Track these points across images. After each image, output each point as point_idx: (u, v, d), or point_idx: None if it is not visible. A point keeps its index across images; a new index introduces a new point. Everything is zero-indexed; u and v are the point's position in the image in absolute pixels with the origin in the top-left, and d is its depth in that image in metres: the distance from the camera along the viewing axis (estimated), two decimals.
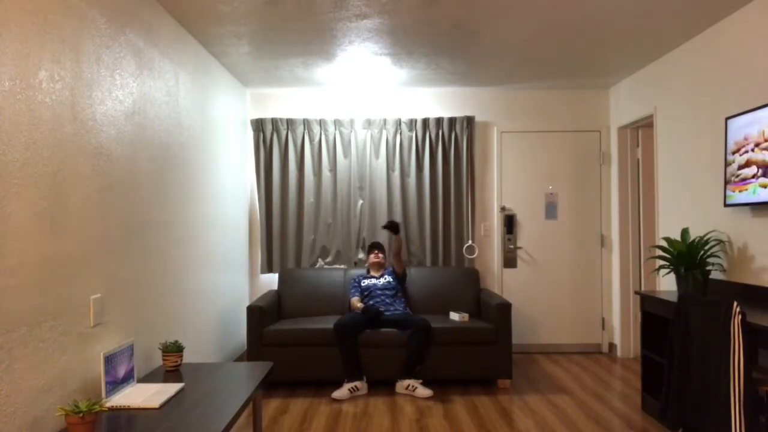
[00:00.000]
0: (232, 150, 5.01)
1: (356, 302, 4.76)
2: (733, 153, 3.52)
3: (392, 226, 4.69)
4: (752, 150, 3.34)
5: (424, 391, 4.21)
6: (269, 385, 4.54)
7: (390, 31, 3.93)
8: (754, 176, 3.33)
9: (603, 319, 5.63)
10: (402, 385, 4.31)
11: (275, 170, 5.45)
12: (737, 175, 3.48)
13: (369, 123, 5.48)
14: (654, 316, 3.86)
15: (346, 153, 5.49)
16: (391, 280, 4.92)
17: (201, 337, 4.14)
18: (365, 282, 4.91)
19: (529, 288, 5.65)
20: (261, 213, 5.45)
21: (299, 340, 4.38)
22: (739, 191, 3.45)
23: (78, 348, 2.46)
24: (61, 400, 2.33)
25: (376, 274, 4.95)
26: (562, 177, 5.66)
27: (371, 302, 4.76)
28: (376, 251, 4.99)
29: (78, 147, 2.48)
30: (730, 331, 2.68)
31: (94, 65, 2.63)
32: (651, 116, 4.85)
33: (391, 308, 4.71)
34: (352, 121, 5.47)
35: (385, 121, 5.47)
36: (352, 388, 4.24)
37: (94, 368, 2.59)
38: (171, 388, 2.67)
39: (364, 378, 4.35)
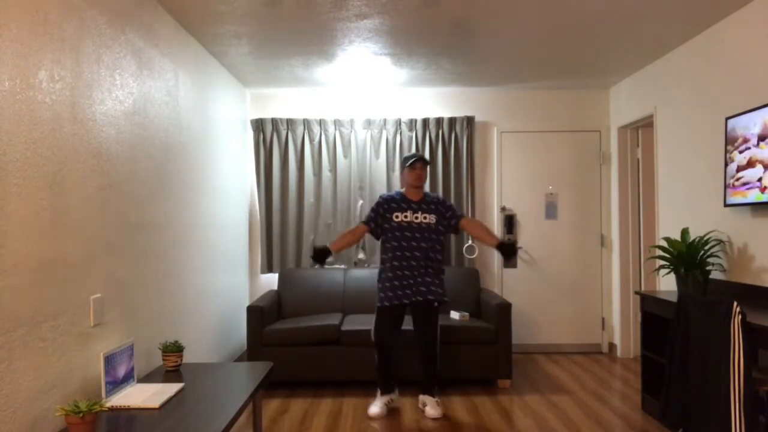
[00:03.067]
0: (232, 150, 5.01)
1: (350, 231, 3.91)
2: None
3: (510, 251, 3.73)
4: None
5: (431, 411, 3.78)
6: (269, 385, 4.54)
7: (390, 31, 3.93)
8: (759, 179, 3.28)
9: (603, 319, 5.63)
10: (419, 399, 3.96)
11: (275, 170, 5.45)
12: (738, 179, 3.46)
13: (369, 123, 5.48)
14: (654, 316, 3.86)
15: (346, 153, 5.49)
16: (434, 221, 3.83)
17: (201, 337, 4.14)
18: (397, 217, 3.82)
19: (529, 288, 5.64)
20: (261, 213, 5.44)
21: (299, 340, 4.38)
22: (742, 196, 3.42)
23: (78, 348, 2.46)
24: (61, 400, 2.33)
25: (415, 200, 3.88)
26: (562, 177, 5.66)
27: (397, 251, 3.77)
28: (421, 164, 3.83)
29: (78, 147, 2.48)
30: (730, 331, 2.68)
31: (94, 65, 2.63)
32: (651, 116, 4.85)
33: (423, 278, 3.79)
34: (352, 121, 5.48)
35: (385, 121, 5.47)
36: (388, 401, 3.91)
37: (94, 368, 2.59)
38: (171, 388, 2.67)
39: (396, 390, 4.01)
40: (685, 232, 3.85)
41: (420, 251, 3.80)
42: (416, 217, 3.80)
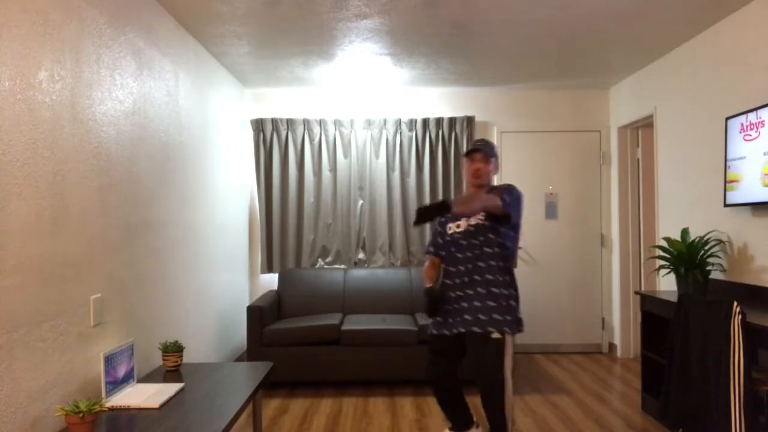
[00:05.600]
0: (232, 150, 5.01)
1: (429, 268, 3.14)
2: None
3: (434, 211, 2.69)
4: None
5: None
6: (269, 385, 4.54)
7: (390, 31, 3.93)
8: None
9: (603, 319, 5.63)
10: None
11: (275, 170, 5.45)
12: None
13: (369, 123, 5.48)
14: (654, 316, 3.86)
15: (346, 153, 5.49)
16: (483, 218, 2.93)
17: (201, 337, 4.14)
18: (450, 228, 3.05)
19: (529, 288, 5.64)
20: (261, 213, 5.44)
21: (299, 340, 4.38)
22: None
23: (78, 348, 2.46)
24: (61, 400, 2.33)
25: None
26: (562, 177, 5.66)
27: (446, 268, 3.04)
28: (481, 156, 3.00)
29: (78, 147, 2.48)
30: (730, 331, 2.68)
31: (94, 65, 2.63)
32: (651, 116, 4.85)
33: (470, 302, 2.91)
34: (352, 121, 5.47)
35: (385, 121, 5.47)
36: None
37: (94, 368, 2.59)
38: (171, 388, 2.67)
39: (477, 426, 3.20)
40: (685, 232, 3.85)
41: (468, 264, 2.94)
42: (470, 224, 2.96)
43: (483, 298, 2.89)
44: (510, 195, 2.87)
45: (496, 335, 2.84)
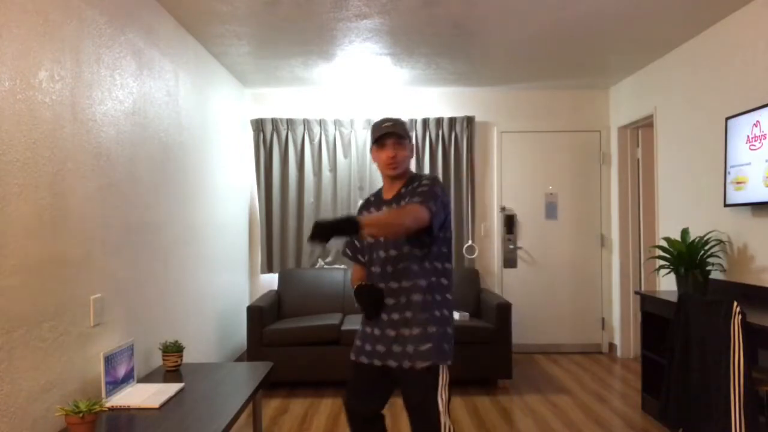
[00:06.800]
0: (231, 150, 5.01)
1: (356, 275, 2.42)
2: None
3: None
4: None
5: None
6: (269, 385, 4.54)
7: (390, 31, 3.93)
8: None
9: (603, 319, 5.63)
10: None
11: (275, 170, 5.45)
12: None
13: (369, 123, 5.48)
14: (654, 316, 3.86)
15: (346, 153, 5.49)
16: (403, 243, 2.22)
17: (201, 337, 4.14)
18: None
19: (529, 288, 5.64)
20: (261, 213, 5.44)
21: (299, 340, 4.38)
22: None
23: (78, 348, 2.46)
24: (61, 400, 2.33)
25: (388, 197, 2.32)
26: (562, 177, 5.66)
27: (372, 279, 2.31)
28: (394, 140, 2.23)
29: (78, 147, 2.48)
30: (730, 331, 2.68)
31: (94, 65, 2.63)
32: (651, 116, 4.85)
33: (397, 328, 2.21)
34: (352, 121, 5.47)
35: None
36: None
37: (94, 368, 2.59)
38: (171, 388, 2.67)
39: None
40: (685, 232, 3.85)
41: (391, 278, 2.23)
42: (389, 254, 2.24)
43: (410, 325, 2.19)
44: (435, 201, 2.14)
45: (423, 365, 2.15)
